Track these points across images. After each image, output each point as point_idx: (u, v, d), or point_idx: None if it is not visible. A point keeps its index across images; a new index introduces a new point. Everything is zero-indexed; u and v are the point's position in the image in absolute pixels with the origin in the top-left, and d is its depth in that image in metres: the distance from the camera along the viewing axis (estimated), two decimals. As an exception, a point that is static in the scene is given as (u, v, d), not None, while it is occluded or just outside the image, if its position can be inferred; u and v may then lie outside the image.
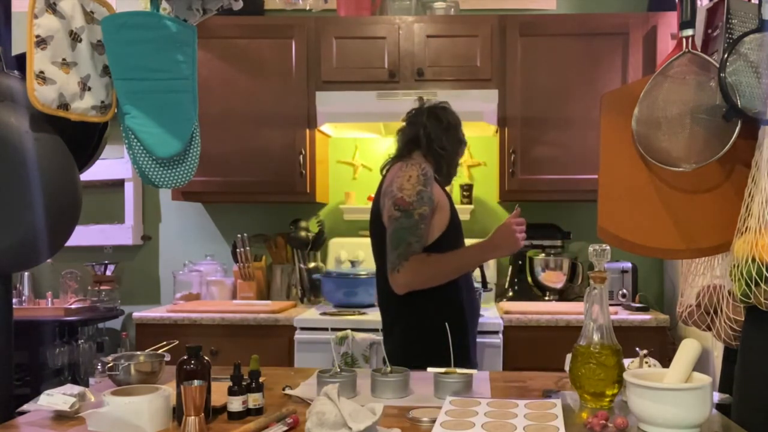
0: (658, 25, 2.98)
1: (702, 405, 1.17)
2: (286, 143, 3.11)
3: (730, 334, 1.58)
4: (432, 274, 1.94)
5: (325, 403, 1.16)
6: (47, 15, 1.57)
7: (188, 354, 1.32)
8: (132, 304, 3.46)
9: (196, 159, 1.80)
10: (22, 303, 3.19)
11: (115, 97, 1.68)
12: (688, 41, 1.54)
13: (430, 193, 1.94)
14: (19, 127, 1.59)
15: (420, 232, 1.91)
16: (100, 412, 1.26)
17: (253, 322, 2.86)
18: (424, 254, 1.91)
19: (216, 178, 3.12)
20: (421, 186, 1.93)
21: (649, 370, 1.33)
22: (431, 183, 1.97)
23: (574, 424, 1.25)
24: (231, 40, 3.12)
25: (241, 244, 3.26)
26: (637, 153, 1.58)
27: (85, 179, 1.74)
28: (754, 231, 1.34)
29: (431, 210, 1.94)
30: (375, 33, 3.06)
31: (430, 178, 1.97)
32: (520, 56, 3.04)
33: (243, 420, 1.32)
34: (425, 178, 1.95)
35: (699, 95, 1.52)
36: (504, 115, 3.04)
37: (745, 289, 1.34)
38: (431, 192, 1.95)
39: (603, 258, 1.38)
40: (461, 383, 1.48)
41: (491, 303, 3.15)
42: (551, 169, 3.04)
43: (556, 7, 3.41)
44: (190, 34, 1.78)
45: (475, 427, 1.20)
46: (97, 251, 3.52)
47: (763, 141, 1.38)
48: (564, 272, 3.16)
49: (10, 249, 1.59)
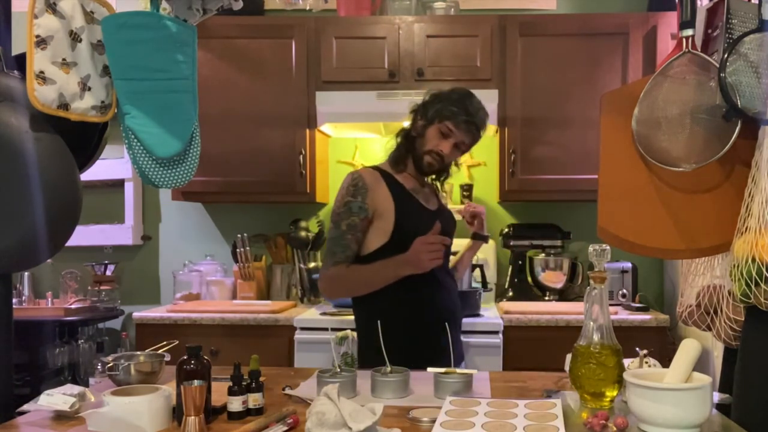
0: (658, 25, 2.98)
1: (702, 405, 1.17)
2: (286, 143, 3.11)
3: (730, 334, 1.58)
4: (347, 287, 1.96)
5: (325, 403, 1.16)
6: (47, 15, 1.57)
7: (188, 354, 1.32)
8: (132, 304, 3.46)
9: (196, 159, 1.80)
10: (22, 303, 3.19)
11: (115, 97, 1.68)
12: (688, 41, 1.54)
13: (360, 202, 1.92)
14: (19, 127, 1.59)
15: (345, 243, 1.92)
16: (100, 412, 1.26)
17: (253, 322, 2.86)
18: (344, 265, 1.91)
19: (216, 178, 3.12)
20: (349, 197, 1.93)
21: (649, 370, 1.33)
22: (363, 192, 1.93)
23: (574, 424, 1.25)
24: (231, 40, 3.12)
25: (241, 244, 3.26)
26: (637, 153, 1.58)
27: (85, 179, 1.74)
28: (754, 231, 1.34)
29: (363, 219, 1.92)
30: (375, 33, 3.06)
31: (361, 188, 1.94)
32: (520, 56, 3.04)
33: (243, 420, 1.32)
34: (355, 188, 1.94)
35: (699, 95, 1.52)
36: (504, 115, 3.04)
37: (745, 289, 1.33)
38: (362, 201, 1.92)
39: (603, 258, 1.38)
40: (461, 383, 1.48)
41: (491, 303, 3.15)
42: (551, 169, 3.04)
43: (556, 7, 3.41)
44: (190, 34, 1.78)
45: (475, 427, 1.20)
46: (97, 251, 3.52)
47: (763, 141, 1.38)
48: (564, 272, 3.16)
49: (10, 249, 1.59)
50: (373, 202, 1.94)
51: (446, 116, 1.96)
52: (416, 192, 2.03)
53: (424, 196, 2.06)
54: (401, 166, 2.04)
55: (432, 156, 1.99)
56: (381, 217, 1.94)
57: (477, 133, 2.01)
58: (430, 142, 1.99)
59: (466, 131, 1.98)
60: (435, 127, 1.98)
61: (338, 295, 2.09)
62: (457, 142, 1.99)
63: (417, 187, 2.05)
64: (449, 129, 1.97)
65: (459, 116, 1.96)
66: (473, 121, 1.97)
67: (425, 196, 2.06)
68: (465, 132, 1.98)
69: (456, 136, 1.98)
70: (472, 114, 1.97)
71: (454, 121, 1.96)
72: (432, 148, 1.99)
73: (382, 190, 1.96)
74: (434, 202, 2.09)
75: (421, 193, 2.06)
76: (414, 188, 2.03)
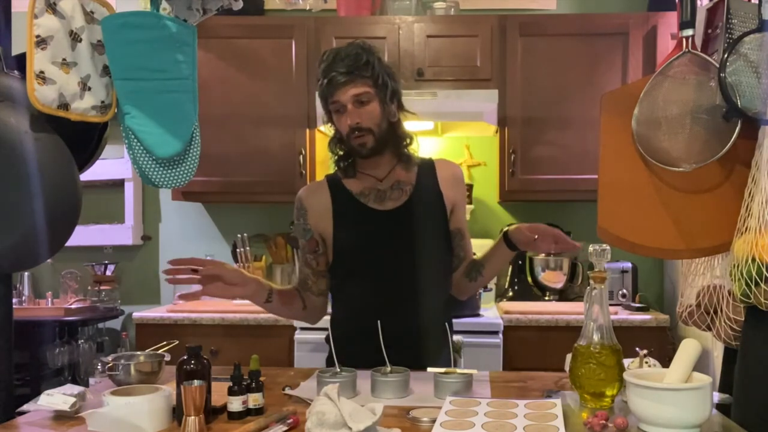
0: (658, 25, 2.98)
1: (702, 405, 1.17)
2: (286, 143, 3.11)
3: (730, 334, 1.58)
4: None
5: (325, 403, 1.16)
6: (47, 15, 1.57)
7: (188, 354, 1.32)
8: (132, 304, 3.46)
9: (196, 159, 1.80)
10: (22, 303, 3.19)
11: (115, 97, 1.68)
12: (688, 41, 1.54)
13: (303, 224, 1.83)
14: (19, 127, 1.59)
15: (299, 266, 1.92)
16: (100, 412, 1.26)
17: (253, 322, 2.86)
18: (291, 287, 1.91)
19: (216, 178, 3.12)
20: (295, 219, 1.87)
21: (649, 370, 1.33)
22: (303, 213, 1.83)
23: (574, 424, 1.25)
24: (231, 40, 3.12)
25: (241, 244, 3.26)
26: (637, 153, 1.58)
27: (85, 179, 1.74)
28: (754, 231, 1.34)
29: (310, 240, 1.83)
30: (375, 33, 3.06)
31: (301, 209, 1.84)
32: (520, 56, 3.04)
33: (243, 420, 1.32)
34: (297, 210, 1.85)
35: (699, 95, 1.52)
36: (504, 115, 3.04)
37: (745, 289, 1.34)
38: (305, 222, 1.83)
39: (603, 258, 1.38)
40: (461, 383, 1.48)
41: (491, 303, 3.15)
42: (551, 169, 3.04)
43: (556, 7, 3.41)
44: (190, 34, 1.77)
45: (475, 427, 1.19)
46: (97, 251, 3.52)
47: (763, 141, 1.38)
48: (564, 272, 3.16)
49: (10, 249, 1.59)
50: (314, 221, 1.82)
51: (324, 96, 1.74)
52: (366, 194, 1.80)
53: (377, 195, 1.79)
54: (349, 170, 1.82)
55: (350, 137, 1.72)
56: (324, 232, 1.81)
57: (356, 72, 1.68)
58: (339, 125, 1.75)
59: (345, 83, 1.68)
60: (331, 114, 1.77)
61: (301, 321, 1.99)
62: (352, 101, 1.70)
63: (370, 187, 1.80)
64: (335, 101, 1.71)
65: (326, 85, 1.70)
66: (338, 70, 1.67)
67: (380, 196, 1.79)
68: (344, 84, 1.68)
69: (343, 97, 1.69)
70: (332, 66, 1.69)
71: (330, 91, 1.70)
72: (342, 130, 1.74)
73: (321, 206, 1.81)
74: (397, 199, 1.79)
75: (374, 193, 1.79)
76: (363, 191, 1.80)
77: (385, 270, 1.78)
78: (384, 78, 1.74)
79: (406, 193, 1.81)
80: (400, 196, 1.80)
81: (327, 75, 1.70)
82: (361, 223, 1.79)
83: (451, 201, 1.85)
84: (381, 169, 1.81)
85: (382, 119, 1.74)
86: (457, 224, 1.88)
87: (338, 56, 1.70)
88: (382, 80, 1.73)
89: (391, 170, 1.81)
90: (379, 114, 1.73)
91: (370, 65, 1.71)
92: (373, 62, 1.72)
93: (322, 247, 1.84)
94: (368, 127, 1.72)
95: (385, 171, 1.81)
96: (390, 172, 1.81)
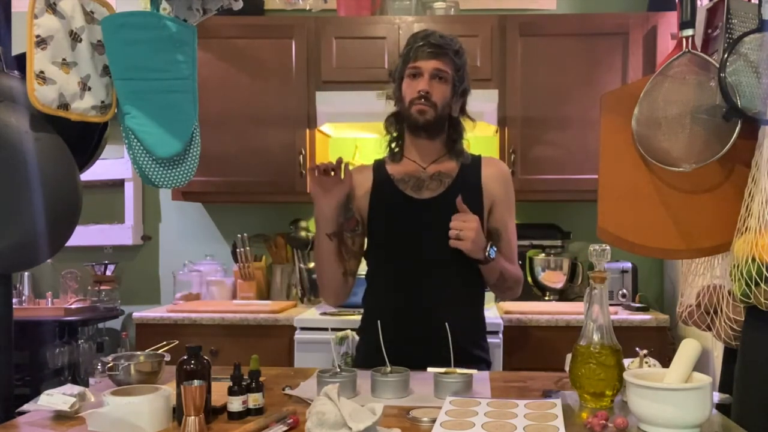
0: (658, 25, 2.98)
1: (702, 405, 1.17)
2: (286, 143, 3.11)
3: (730, 334, 1.58)
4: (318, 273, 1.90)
5: (325, 403, 1.16)
6: (47, 15, 1.57)
7: (188, 354, 1.32)
8: (132, 304, 3.46)
9: (196, 159, 1.80)
10: (22, 303, 3.19)
11: (115, 97, 1.68)
12: (688, 41, 1.54)
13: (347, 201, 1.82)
14: (19, 127, 1.59)
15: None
16: (100, 412, 1.26)
17: (253, 322, 2.86)
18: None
19: (216, 178, 3.12)
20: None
21: (649, 370, 1.33)
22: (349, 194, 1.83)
23: (574, 424, 1.25)
24: (231, 40, 3.12)
25: (241, 244, 3.26)
26: (637, 153, 1.58)
27: (85, 179, 1.74)
28: (754, 231, 1.34)
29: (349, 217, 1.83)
30: (375, 33, 3.06)
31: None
32: (520, 56, 3.04)
33: (243, 420, 1.32)
34: None
35: (699, 95, 1.52)
36: (504, 115, 3.04)
37: (745, 289, 1.34)
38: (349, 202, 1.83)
39: (603, 258, 1.38)
40: (461, 383, 1.47)
41: (491, 303, 3.15)
42: (551, 169, 3.04)
43: (556, 7, 3.41)
44: (190, 34, 1.78)
45: (475, 427, 1.19)
46: (97, 251, 3.52)
47: (763, 141, 1.38)
48: (564, 272, 3.16)
49: (10, 249, 1.59)
50: (355, 200, 1.85)
51: (405, 60, 1.78)
52: (405, 181, 1.81)
53: (416, 183, 1.80)
54: (397, 151, 1.86)
55: (415, 103, 1.75)
56: (362, 213, 1.84)
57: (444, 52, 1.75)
58: (407, 90, 1.78)
59: (432, 54, 1.74)
60: (404, 79, 1.80)
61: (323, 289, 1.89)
62: (431, 72, 1.74)
63: (410, 174, 1.82)
64: (414, 66, 1.76)
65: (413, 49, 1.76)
66: (431, 42, 1.74)
67: (418, 184, 1.80)
68: (430, 56, 1.74)
69: (426, 66, 1.74)
70: (426, 37, 1.76)
71: (414, 56, 1.76)
72: (409, 94, 1.77)
73: (362, 187, 1.85)
74: (434, 189, 1.79)
75: (413, 180, 1.81)
76: (404, 177, 1.82)
77: (413, 259, 1.78)
78: (464, 74, 1.81)
79: (444, 184, 1.80)
80: (438, 187, 1.80)
81: (419, 41, 1.76)
82: (394, 209, 1.81)
83: (491, 199, 1.84)
84: (427, 157, 1.83)
85: (447, 104, 1.79)
86: (495, 223, 1.85)
87: (436, 33, 1.78)
88: (463, 74, 1.81)
89: (437, 159, 1.83)
90: (448, 97, 1.78)
91: (459, 55, 1.79)
92: (463, 56, 1.81)
93: (360, 227, 1.85)
94: (434, 101, 1.75)
95: (431, 159, 1.83)
96: (435, 161, 1.83)
